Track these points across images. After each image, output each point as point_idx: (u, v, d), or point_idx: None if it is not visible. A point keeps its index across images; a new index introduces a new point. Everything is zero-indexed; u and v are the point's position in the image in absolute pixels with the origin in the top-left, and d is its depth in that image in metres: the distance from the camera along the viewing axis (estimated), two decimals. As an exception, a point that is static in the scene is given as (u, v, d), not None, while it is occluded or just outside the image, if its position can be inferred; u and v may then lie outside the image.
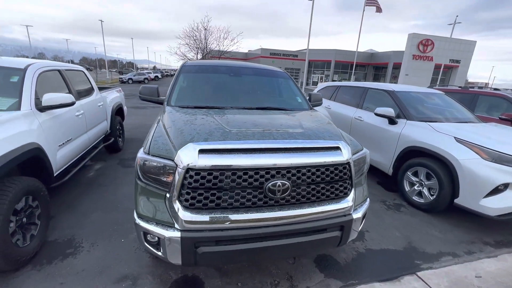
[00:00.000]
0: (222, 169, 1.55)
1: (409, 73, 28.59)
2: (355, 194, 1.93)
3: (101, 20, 30.90)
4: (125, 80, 29.31)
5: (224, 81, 2.88)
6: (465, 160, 2.89)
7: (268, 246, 1.68)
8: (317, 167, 1.73)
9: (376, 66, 42.14)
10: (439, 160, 3.16)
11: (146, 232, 1.64)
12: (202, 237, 1.58)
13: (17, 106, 2.32)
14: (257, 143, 1.66)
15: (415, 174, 3.46)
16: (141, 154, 1.68)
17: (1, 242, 1.79)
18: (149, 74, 34.54)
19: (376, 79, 42.31)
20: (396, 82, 31.64)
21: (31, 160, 2.26)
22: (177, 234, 1.56)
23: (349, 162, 1.82)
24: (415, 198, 3.45)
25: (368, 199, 2.16)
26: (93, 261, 2.14)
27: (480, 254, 2.58)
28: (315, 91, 6.29)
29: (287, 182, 1.64)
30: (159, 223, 1.62)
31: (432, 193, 3.26)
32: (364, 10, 24.14)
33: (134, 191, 1.77)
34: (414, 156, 3.51)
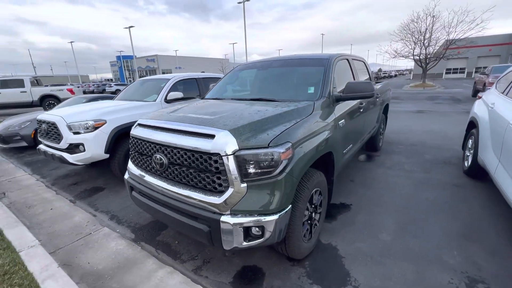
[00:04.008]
0: (136, 138, 2.14)
1: None
2: (238, 195, 1.62)
3: (322, 34, 36.15)
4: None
5: (248, 76, 3.06)
6: None
7: (158, 209, 2.01)
8: (184, 150, 1.75)
9: None
10: None
11: (127, 175, 2.63)
12: (132, 184, 2.28)
13: (155, 99, 4.23)
14: (158, 123, 2.03)
15: None
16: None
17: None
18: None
19: None
20: None
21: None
22: (126, 176, 2.39)
23: (219, 154, 1.61)
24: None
25: (278, 215, 1.62)
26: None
27: None
28: (496, 82, 3.86)
29: (163, 158, 1.88)
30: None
31: None
32: None
33: None
34: None
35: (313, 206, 2.14)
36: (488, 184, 3.36)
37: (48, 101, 12.03)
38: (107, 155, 3.50)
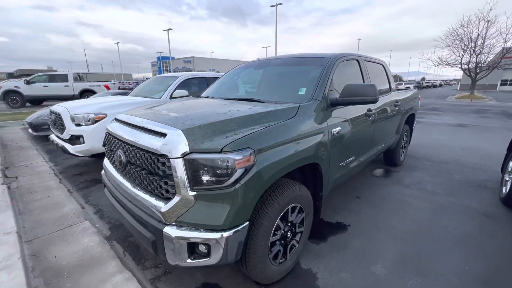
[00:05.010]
0: (108, 133, 2.05)
1: None
2: (185, 204, 1.41)
3: (358, 39, 34.62)
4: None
5: (244, 76, 2.85)
6: None
7: (118, 209, 1.88)
8: (137, 148, 1.61)
9: None
10: None
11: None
12: (104, 181, 2.20)
13: (161, 96, 4.21)
14: (126, 118, 1.91)
15: None
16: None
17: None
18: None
19: None
20: None
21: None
22: (102, 172, 2.32)
23: (167, 156, 1.42)
24: None
25: (229, 232, 1.39)
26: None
27: None
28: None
29: (122, 155, 1.75)
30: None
31: None
32: None
33: None
34: None
35: (288, 224, 1.85)
36: (531, 218, 2.73)
37: (86, 95, 13.05)
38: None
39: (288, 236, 1.86)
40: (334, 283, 1.87)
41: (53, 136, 3.95)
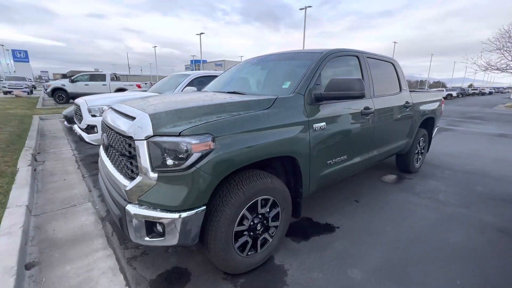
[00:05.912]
0: (102, 120, 2.23)
1: None
2: (147, 184, 1.48)
3: (395, 42, 32.91)
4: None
5: (242, 71, 2.89)
6: None
7: (103, 191, 2.03)
8: (113, 130, 1.72)
9: None
10: None
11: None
12: (98, 165, 2.38)
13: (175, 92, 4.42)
14: (115, 106, 2.06)
15: None
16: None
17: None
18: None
19: None
20: None
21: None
22: (99, 159, 2.51)
23: (132, 138, 1.51)
24: None
25: (185, 214, 1.43)
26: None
27: None
28: None
29: (105, 138, 1.89)
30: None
31: None
32: None
33: None
34: None
35: (259, 216, 1.83)
36: (557, 238, 2.36)
37: (121, 94, 14.14)
38: (116, 139, 3.81)
39: (258, 228, 1.85)
40: (303, 281, 1.80)
41: (75, 126, 4.36)
